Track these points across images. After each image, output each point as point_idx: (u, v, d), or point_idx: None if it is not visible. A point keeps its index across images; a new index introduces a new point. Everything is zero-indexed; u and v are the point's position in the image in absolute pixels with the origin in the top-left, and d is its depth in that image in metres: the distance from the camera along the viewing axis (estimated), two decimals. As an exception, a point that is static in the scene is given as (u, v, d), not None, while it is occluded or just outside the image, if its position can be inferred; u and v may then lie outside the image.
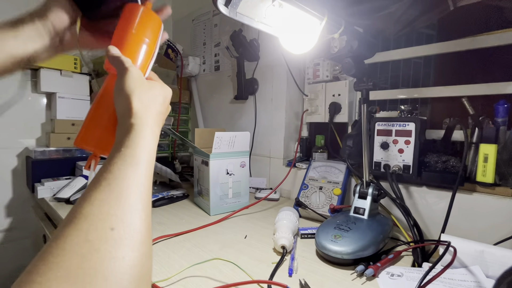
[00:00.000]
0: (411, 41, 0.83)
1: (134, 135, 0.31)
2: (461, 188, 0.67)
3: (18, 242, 1.17)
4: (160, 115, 0.37)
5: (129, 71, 0.35)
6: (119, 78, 0.35)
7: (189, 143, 0.92)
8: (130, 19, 0.39)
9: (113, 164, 0.28)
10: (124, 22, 0.39)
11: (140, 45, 0.39)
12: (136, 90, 0.34)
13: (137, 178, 0.28)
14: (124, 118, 0.33)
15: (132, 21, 0.39)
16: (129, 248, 0.24)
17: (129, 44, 0.38)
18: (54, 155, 1.07)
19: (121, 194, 0.26)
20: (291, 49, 0.58)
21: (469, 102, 0.64)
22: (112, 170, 0.28)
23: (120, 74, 0.35)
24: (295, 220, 0.65)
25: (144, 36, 0.40)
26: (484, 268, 0.49)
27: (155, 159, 0.33)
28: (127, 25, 0.39)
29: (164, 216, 0.79)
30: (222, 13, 0.46)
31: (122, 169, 0.28)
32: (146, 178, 0.30)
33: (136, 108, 0.33)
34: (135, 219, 0.26)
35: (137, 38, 0.39)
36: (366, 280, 0.49)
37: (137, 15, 0.39)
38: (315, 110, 1.00)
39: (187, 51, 1.50)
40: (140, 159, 0.30)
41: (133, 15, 0.39)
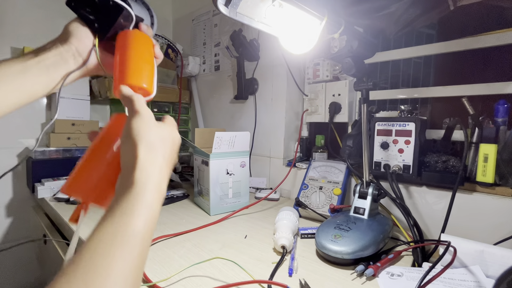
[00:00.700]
0: (411, 41, 0.83)
1: (134, 197, 0.28)
2: (461, 188, 0.67)
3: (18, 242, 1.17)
4: (168, 162, 0.34)
5: (140, 113, 0.33)
6: (128, 122, 0.33)
7: (189, 143, 0.92)
8: (127, 44, 0.41)
9: (101, 233, 0.26)
10: (121, 49, 0.41)
11: (143, 64, 0.41)
12: (145, 136, 0.32)
13: (125, 258, 0.25)
14: (127, 169, 0.31)
15: (129, 45, 0.41)
16: None
17: (134, 66, 0.40)
18: (54, 155, 1.07)
19: (101, 274, 0.23)
20: (291, 49, 0.58)
21: (469, 102, 0.64)
22: (97, 241, 0.25)
23: (130, 117, 0.33)
24: (295, 220, 0.65)
25: (144, 56, 0.42)
26: (484, 268, 0.49)
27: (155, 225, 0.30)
28: (125, 51, 0.40)
29: (164, 216, 0.79)
30: (222, 13, 0.46)
31: (108, 244, 0.25)
32: (137, 256, 0.26)
33: (141, 160, 0.30)
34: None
35: (140, 59, 0.41)
36: (366, 280, 0.49)
37: (131, 39, 0.41)
38: (315, 110, 1.00)
39: (187, 51, 1.50)
40: (135, 233, 0.26)
41: (128, 40, 0.41)
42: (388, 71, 0.89)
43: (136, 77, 0.40)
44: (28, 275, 1.20)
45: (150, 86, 0.42)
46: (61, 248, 0.72)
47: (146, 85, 0.41)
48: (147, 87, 0.41)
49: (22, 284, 1.19)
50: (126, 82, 0.39)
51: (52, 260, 0.76)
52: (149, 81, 0.41)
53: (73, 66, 0.40)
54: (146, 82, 0.41)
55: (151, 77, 0.42)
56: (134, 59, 0.40)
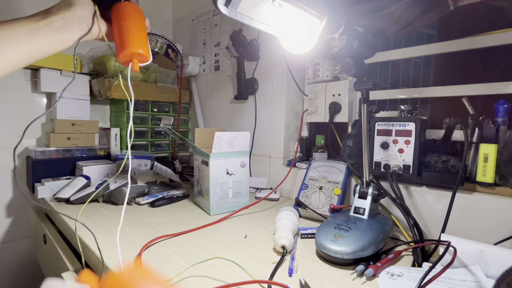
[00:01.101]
0: (411, 41, 0.83)
1: None
2: (461, 188, 0.67)
3: (18, 242, 1.17)
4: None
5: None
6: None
7: (189, 143, 0.92)
8: (123, 15, 0.48)
9: None
10: (118, 19, 0.48)
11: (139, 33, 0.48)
12: None
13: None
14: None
15: (126, 16, 0.48)
16: None
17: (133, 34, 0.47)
18: (54, 155, 1.07)
19: None
20: (291, 49, 0.58)
21: (469, 102, 0.64)
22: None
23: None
24: (295, 220, 0.65)
25: (139, 25, 0.49)
26: (484, 268, 0.49)
27: None
28: (122, 21, 0.48)
29: (164, 216, 0.79)
30: (222, 13, 0.46)
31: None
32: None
33: None
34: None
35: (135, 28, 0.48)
36: (366, 280, 0.49)
37: (127, 10, 0.49)
38: (315, 110, 1.00)
39: (187, 51, 1.50)
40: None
41: (124, 11, 0.48)
42: (388, 71, 0.89)
43: (135, 44, 0.47)
44: (28, 275, 1.20)
45: (146, 52, 0.48)
46: (61, 248, 0.72)
47: (143, 51, 0.47)
48: (143, 53, 0.48)
49: (22, 284, 1.19)
50: (126, 49, 0.46)
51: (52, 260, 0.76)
52: (145, 47, 0.48)
53: (78, 30, 0.45)
54: (143, 48, 0.48)
55: (146, 44, 0.49)
56: (130, 28, 0.47)
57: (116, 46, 0.48)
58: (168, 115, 1.39)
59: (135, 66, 0.49)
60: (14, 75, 1.11)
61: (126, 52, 0.47)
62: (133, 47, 0.46)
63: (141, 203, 0.89)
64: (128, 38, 0.47)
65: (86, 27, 0.46)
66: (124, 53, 0.48)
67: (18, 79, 1.12)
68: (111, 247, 0.59)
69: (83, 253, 0.60)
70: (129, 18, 0.48)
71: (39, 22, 0.41)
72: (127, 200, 0.87)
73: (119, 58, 0.49)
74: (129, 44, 0.47)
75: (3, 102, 1.10)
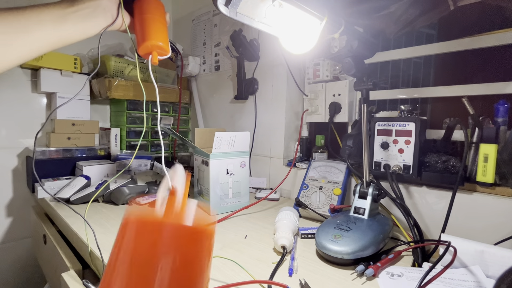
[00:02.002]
0: (411, 41, 0.83)
1: None
2: (461, 188, 0.67)
3: (18, 242, 1.17)
4: None
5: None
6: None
7: (189, 143, 0.92)
8: (146, 8, 0.50)
9: None
10: (141, 11, 0.50)
11: (160, 26, 0.50)
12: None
13: None
14: None
15: (148, 9, 0.50)
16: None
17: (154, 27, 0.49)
18: (54, 155, 1.06)
19: None
20: (291, 49, 0.58)
21: (469, 102, 0.64)
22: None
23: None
24: (295, 220, 0.65)
25: (160, 19, 0.50)
26: (484, 268, 0.49)
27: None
28: (145, 14, 0.49)
29: (164, 216, 0.79)
30: (222, 13, 0.46)
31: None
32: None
33: None
34: None
35: (157, 22, 0.50)
36: (366, 280, 0.49)
37: (149, 4, 0.50)
38: (315, 110, 0.99)
39: (187, 51, 1.50)
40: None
41: (147, 4, 0.50)
42: (388, 71, 0.89)
43: (156, 37, 0.48)
44: (28, 275, 1.20)
45: (166, 45, 0.50)
46: (61, 248, 0.72)
47: (163, 43, 0.49)
48: (163, 46, 0.49)
49: (22, 284, 1.19)
50: (147, 41, 0.48)
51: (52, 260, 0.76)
52: (165, 40, 0.49)
53: (103, 20, 0.47)
54: (163, 41, 0.49)
55: (167, 38, 0.50)
56: (152, 21, 0.49)
57: (137, 38, 0.50)
58: (168, 115, 1.39)
59: (155, 59, 0.50)
60: (14, 75, 1.11)
61: (147, 44, 0.49)
62: (154, 39, 0.48)
63: (141, 203, 0.89)
64: (149, 30, 0.48)
65: (110, 18, 0.48)
66: (145, 45, 0.49)
67: (18, 79, 1.12)
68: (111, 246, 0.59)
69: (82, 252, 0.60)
70: (151, 11, 0.49)
71: (66, 9, 0.42)
72: (127, 200, 0.88)
73: (140, 50, 0.50)
74: (150, 37, 0.48)
75: (3, 102, 1.10)
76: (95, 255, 0.56)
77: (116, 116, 1.32)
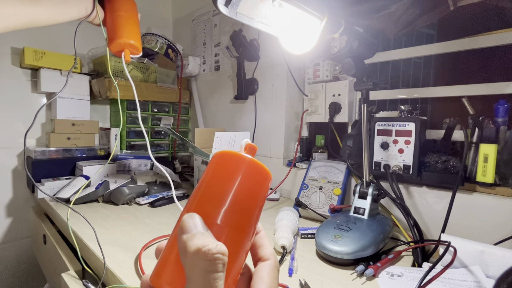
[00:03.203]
0: (411, 41, 0.83)
1: None
2: (461, 188, 0.67)
3: (18, 242, 1.17)
4: None
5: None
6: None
7: (189, 143, 0.92)
8: (117, 4, 0.49)
9: None
10: (113, 8, 0.49)
11: (132, 24, 0.49)
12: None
13: None
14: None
15: (119, 6, 0.49)
16: None
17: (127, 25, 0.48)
18: (54, 155, 1.06)
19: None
20: (291, 49, 0.58)
21: (469, 102, 0.64)
22: None
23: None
24: (295, 220, 0.65)
25: (132, 16, 0.50)
26: (484, 268, 0.49)
27: None
28: (116, 11, 0.49)
29: (164, 216, 0.79)
30: (222, 13, 0.46)
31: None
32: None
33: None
34: None
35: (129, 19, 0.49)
36: (366, 280, 0.49)
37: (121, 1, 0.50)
38: (315, 110, 0.99)
39: (187, 51, 1.50)
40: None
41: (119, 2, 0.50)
42: (388, 71, 0.89)
43: (127, 35, 0.47)
44: (28, 275, 1.20)
45: (138, 44, 0.50)
46: (61, 248, 0.72)
47: (134, 42, 0.48)
48: (135, 44, 0.49)
49: (22, 284, 1.19)
50: (119, 39, 0.48)
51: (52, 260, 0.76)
52: (137, 39, 0.49)
53: (75, 9, 0.47)
54: (135, 39, 0.49)
55: (139, 36, 0.50)
56: (125, 19, 0.48)
57: (108, 35, 0.50)
58: (168, 115, 1.39)
59: (127, 57, 0.50)
60: (14, 75, 1.11)
61: (119, 42, 0.49)
62: (125, 38, 0.48)
63: (141, 203, 0.89)
64: (122, 28, 0.48)
65: (84, 9, 0.48)
66: (117, 42, 0.49)
67: (18, 79, 1.12)
68: (112, 246, 0.59)
69: (81, 252, 0.60)
70: (123, 9, 0.49)
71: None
72: (127, 200, 0.88)
73: (111, 47, 0.50)
74: (121, 34, 0.48)
75: (3, 102, 1.10)
76: (96, 255, 0.56)
77: (116, 116, 1.32)
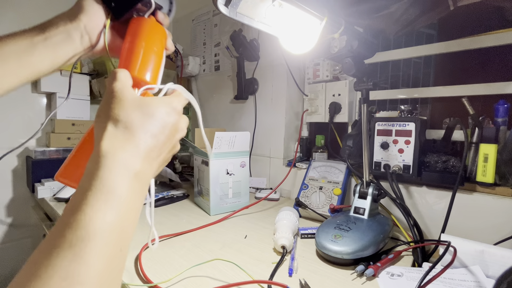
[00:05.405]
0: (411, 41, 0.83)
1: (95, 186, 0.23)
2: (461, 188, 0.67)
3: (18, 242, 1.17)
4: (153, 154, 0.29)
5: (118, 77, 0.30)
6: (107, 87, 0.30)
7: (189, 143, 0.92)
8: (139, 33, 0.39)
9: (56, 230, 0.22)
10: (133, 37, 0.39)
11: (152, 57, 0.39)
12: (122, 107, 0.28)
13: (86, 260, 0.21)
14: (95, 148, 0.26)
15: (142, 35, 0.39)
16: None
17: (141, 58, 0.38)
18: (54, 155, 1.06)
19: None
20: (291, 49, 0.58)
21: (469, 102, 0.64)
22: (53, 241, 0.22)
23: (108, 81, 0.30)
24: (295, 220, 0.65)
25: (155, 48, 0.40)
26: (484, 268, 0.49)
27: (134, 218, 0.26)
28: (137, 40, 0.39)
29: (164, 216, 0.79)
30: (222, 13, 0.46)
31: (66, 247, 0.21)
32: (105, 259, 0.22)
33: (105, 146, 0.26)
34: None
35: (149, 51, 0.39)
36: (366, 280, 0.49)
37: (145, 28, 0.40)
38: (315, 110, 0.99)
39: (187, 51, 1.50)
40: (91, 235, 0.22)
41: (142, 29, 0.39)
42: (388, 71, 0.89)
43: (141, 70, 0.38)
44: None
45: (154, 80, 0.41)
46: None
47: (150, 79, 0.40)
48: (150, 81, 0.40)
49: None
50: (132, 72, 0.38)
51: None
52: (154, 75, 0.40)
53: (79, 45, 0.38)
54: (151, 76, 0.40)
55: (157, 71, 0.41)
56: (143, 50, 0.39)
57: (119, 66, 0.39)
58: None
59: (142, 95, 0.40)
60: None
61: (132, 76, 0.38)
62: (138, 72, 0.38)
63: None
64: (136, 60, 0.39)
65: (88, 42, 0.39)
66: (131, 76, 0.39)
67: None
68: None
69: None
70: (145, 38, 0.40)
71: (35, 37, 0.35)
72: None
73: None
74: (134, 68, 0.38)
75: (3, 102, 1.10)
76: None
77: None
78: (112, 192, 0.24)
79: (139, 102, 0.30)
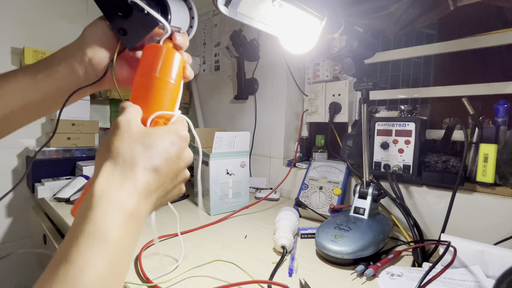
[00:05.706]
0: (411, 41, 0.83)
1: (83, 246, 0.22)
2: (461, 188, 0.67)
3: (18, 242, 1.17)
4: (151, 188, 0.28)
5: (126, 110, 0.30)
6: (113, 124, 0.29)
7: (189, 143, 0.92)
8: (153, 63, 0.34)
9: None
10: (146, 68, 0.35)
11: (167, 92, 0.35)
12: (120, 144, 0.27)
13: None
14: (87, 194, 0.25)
15: (156, 65, 0.34)
16: None
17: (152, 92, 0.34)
18: (54, 155, 1.06)
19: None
20: (291, 49, 0.58)
21: (469, 102, 0.64)
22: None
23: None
24: (295, 220, 0.65)
25: (168, 79, 0.35)
26: (484, 268, 0.49)
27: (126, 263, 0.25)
28: (150, 72, 0.34)
29: (164, 216, 0.79)
30: (222, 13, 0.46)
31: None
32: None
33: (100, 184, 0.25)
34: None
35: (165, 84, 0.35)
36: (366, 280, 0.49)
37: (160, 57, 0.35)
38: (315, 110, 1.00)
39: (187, 51, 1.50)
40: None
41: (156, 58, 0.35)
42: (388, 71, 0.89)
43: (155, 109, 0.33)
44: (28, 275, 1.20)
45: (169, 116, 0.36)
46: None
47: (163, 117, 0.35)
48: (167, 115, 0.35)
49: (21, 284, 1.19)
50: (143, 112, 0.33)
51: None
52: (169, 108, 0.36)
53: (83, 80, 0.35)
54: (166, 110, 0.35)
55: (173, 106, 0.36)
56: (157, 87, 0.34)
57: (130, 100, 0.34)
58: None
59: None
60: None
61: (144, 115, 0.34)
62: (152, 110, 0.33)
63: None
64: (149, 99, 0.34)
65: (93, 77, 0.35)
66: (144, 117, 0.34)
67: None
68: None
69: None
70: (161, 71, 0.34)
71: (38, 75, 0.33)
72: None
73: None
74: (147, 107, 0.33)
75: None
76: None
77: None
78: (105, 236, 0.23)
79: (143, 134, 0.29)
